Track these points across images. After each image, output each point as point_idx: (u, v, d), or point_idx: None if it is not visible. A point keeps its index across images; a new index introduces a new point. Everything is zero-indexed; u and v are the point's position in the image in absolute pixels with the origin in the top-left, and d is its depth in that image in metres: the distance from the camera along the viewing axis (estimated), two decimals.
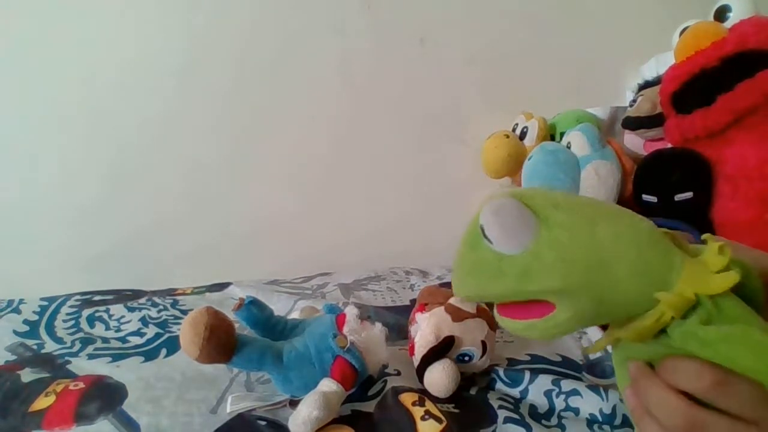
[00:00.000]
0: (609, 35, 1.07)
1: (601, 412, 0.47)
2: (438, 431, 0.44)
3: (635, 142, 0.82)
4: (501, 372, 0.54)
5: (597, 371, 0.56)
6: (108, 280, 0.85)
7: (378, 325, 0.52)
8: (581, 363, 0.58)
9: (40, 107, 0.91)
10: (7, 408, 0.49)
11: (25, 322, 0.68)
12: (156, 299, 0.77)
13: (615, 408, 0.47)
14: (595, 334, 0.61)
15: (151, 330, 0.67)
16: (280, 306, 0.74)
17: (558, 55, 1.07)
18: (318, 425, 0.44)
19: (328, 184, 1.05)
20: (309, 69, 0.99)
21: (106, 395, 0.51)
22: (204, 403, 0.50)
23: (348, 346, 0.49)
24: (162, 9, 0.92)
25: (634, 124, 0.79)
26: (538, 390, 0.51)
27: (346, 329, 0.50)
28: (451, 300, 0.55)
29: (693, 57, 0.63)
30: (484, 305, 0.55)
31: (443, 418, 0.46)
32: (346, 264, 0.99)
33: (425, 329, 0.53)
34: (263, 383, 0.54)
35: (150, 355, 0.60)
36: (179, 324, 0.58)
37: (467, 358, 0.53)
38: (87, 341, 0.64)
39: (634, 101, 0.80)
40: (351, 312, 0.52)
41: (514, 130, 0.95)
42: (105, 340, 0.65)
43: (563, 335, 0.24)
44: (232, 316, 0.49)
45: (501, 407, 0.49)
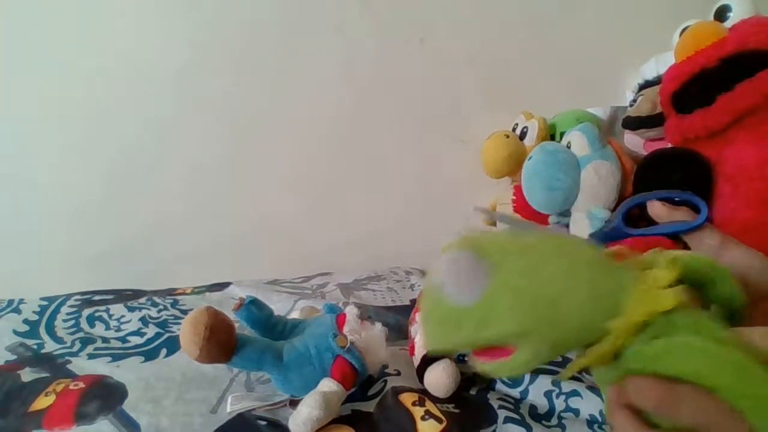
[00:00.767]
0: (609, 35, 1.07)
1: (601, 413, 0.47)
2: (438, 431, 0.44)
3: (635, 142, 0.82)
4: None
5: None
6: (108, 279, 0.85)
7: (378, 325, 0.52)
8: None
9: (40, 107, 0.90)
10: (7, 408, 0.49)
11: (25, 321, 0.68)
12: (156, 299, 0.77)
13: None
14: None
15: (151, 330, 0.67)
16: (280, 306, 0.74)
17: (558, 55, 1.07)
18: (318, 425, 0.44)
19: (328, 184, 1.05)
20: (309, 69, 0.99)
21: (106, 395, 0.51)
22: (204, 403, 0.50)
23: (348, 346, 0.49)
24: (162, 9, 0.92)
25: (634, 124, 0.78)
26: (538, 390, 0.51)
27: (346, 329, 0.50)
28: None
29: (693, 57, 0.63)
30: None
31: (443, 418, 0.46)
32: (346, 264, 0.99)
33: None
34: (263, 383, 0.54)
35: (150, 355, 0.60)
36: (179, 324, 0.58)
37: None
38: (87, 341, 0.64)
39: (634, 101, 0.80)
40: (351, 312, 0.52)
41: (514, 130, 0.95)
42: (105, 339, 0.65)
43: (530, 371, 0.24)
44: (232, 316, 0.49)
45: (501, 407, 0.49)
